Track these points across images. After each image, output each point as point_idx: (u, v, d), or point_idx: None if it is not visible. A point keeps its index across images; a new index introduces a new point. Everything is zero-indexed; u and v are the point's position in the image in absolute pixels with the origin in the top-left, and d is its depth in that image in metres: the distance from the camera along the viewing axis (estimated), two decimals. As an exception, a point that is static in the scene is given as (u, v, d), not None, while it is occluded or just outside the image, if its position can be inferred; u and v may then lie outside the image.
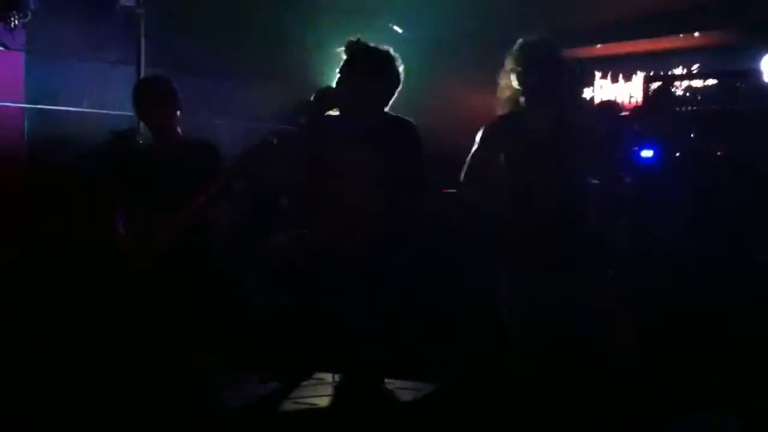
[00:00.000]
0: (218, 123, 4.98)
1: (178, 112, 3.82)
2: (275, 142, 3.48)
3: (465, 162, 3.37)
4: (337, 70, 3.40)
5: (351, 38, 3.37)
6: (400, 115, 3.43)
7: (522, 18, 5.98)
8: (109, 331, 3.77)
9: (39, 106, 4.74)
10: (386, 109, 3.42)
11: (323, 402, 3.23)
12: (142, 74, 4.74)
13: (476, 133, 3.39)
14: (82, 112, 4.86)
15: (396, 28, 5.65)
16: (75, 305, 4.23)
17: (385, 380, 3.39)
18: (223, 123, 5.07)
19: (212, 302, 3.73)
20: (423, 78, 5.59)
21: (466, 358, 3.86)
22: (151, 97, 3.80)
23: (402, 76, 3.38)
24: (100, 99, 4.86)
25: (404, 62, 3.38)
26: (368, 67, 3.32)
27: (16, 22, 4.43)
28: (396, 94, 3.40)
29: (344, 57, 3.36)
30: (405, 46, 3.44)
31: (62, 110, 4.81)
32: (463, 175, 3.36)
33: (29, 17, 4.41)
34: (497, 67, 3.38)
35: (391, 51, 3.38)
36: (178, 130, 3.86)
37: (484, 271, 4.07)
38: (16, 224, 4.50)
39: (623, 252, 3.54)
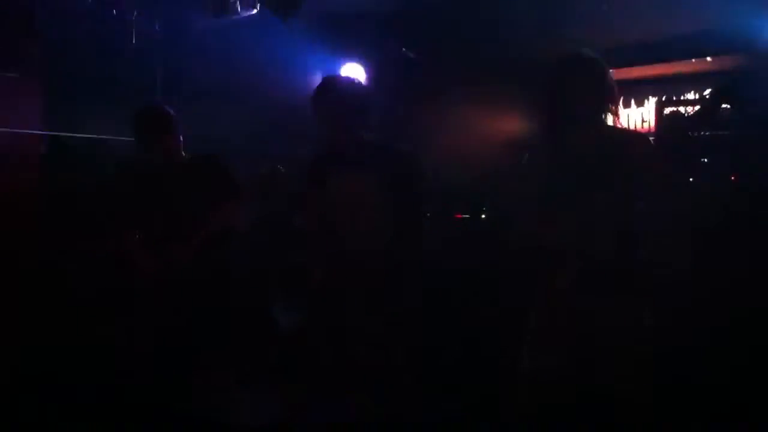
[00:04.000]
0: (233, 147, 5.03)
1: (180, 138, 3.89)
2: (283, 170, 3.54)
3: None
4: (315, 110, 3.44)
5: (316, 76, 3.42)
6: (397, 144, 3.48)
7: (532, 44, 6.01)
8: (126, 347, 3.80)
9: (55, 133, 4.80)
10: (366, 132, 3.46)
11: (345, 423, 3.23)
12: (159, 100, 4.80)
13: (499, 158, 3.28)
14: (98, 138, 4.91)
15: (409, 53, 5.69)
16: (90, 323, 4.26)
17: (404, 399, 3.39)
18: (237, 148, 5.12)
19: (231, 318, 3.76)
20: (433, 102, 5.63)
21: (483, 379, 3.86)
22: (150, 127, 3.85)
23: (360, 92, 3.44)
24: (116, 125, 4.91)
25: (415, 86, 3.40)
26: (341, 99, 3.38)
27: (35, 50, 4.50)
28: (366, 110, 3.43)
29: (316, 97, 3.42)
30: (417, 70, 3.45)
31: (78, 137, 4.87)
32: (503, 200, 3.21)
33: (47, 46, 4.48)
34: (508, 92, 3.31)
35: (352, 76, 3.47)
36: (182, 153, 3.92)
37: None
38: (32, 250, 4.54)
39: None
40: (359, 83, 3.50)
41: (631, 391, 2.87)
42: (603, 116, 2.97)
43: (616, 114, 3.00)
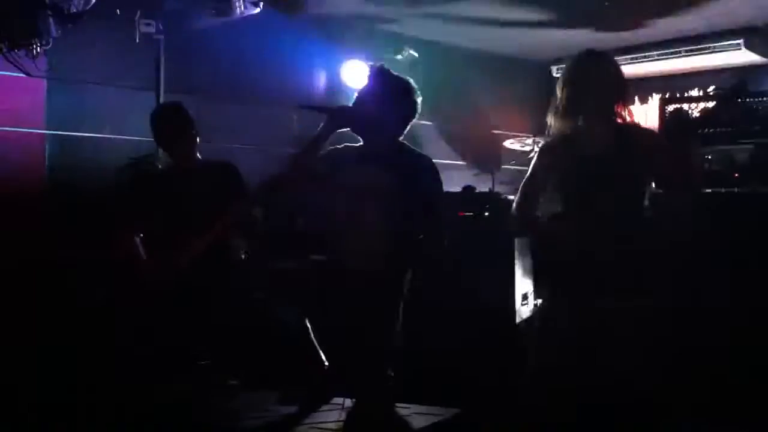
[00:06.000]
0: (237, 148, 5.03)
1: (198, 139, 3.90)
2: (297, 165, 3.51)
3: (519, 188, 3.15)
4: (356, 91, 3.47)
5: (375, 63, 3.47)
6: (417, 150, 3.49)
7: (536, 43, 6.01)
8: (128, 350, 3.79)
9: (60, 133, 4.79)
10: (401, 139, 3.46)
11: (339, 426, 3.23)
12: (162, 100, 4.79)
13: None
14: (103, 137, 4.91)
15: (412, 51, 5.68)
16: (94, 326, 4.26)
17: (399, 405, 3.39)
18: (241, 148, 5.11)
19: (233, 322, 3.76)
20: (437, 103, 5.63)
21: (483, 383, 3.85)
22: (170, 127, 3.88)
23: (419, 108, 3.44)
24: (121, 125, 4.92)
25: (419, 85, 3.42)
26: (389, 92, 3.38)
27: (38, 49, 4.49)
28: (410, 125, 3.45)
29: (366, 80, 3.44)
30: (420, 70, 3.46)
31: (83, 136, 4.86)
32: (516, 203, 3.12)
33: (50, 44, 4.48)
34: (511, 91, 3.32)
35: (412, 82, 3.45)
36: (198, 155, 3.93)
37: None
38: (36, 249, 4.53)
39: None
40: (414, 89, 3.44)
41: (634, 390, 2.87)
42: (616, 112, 3.00)
43: (627, 110, 3.02)
